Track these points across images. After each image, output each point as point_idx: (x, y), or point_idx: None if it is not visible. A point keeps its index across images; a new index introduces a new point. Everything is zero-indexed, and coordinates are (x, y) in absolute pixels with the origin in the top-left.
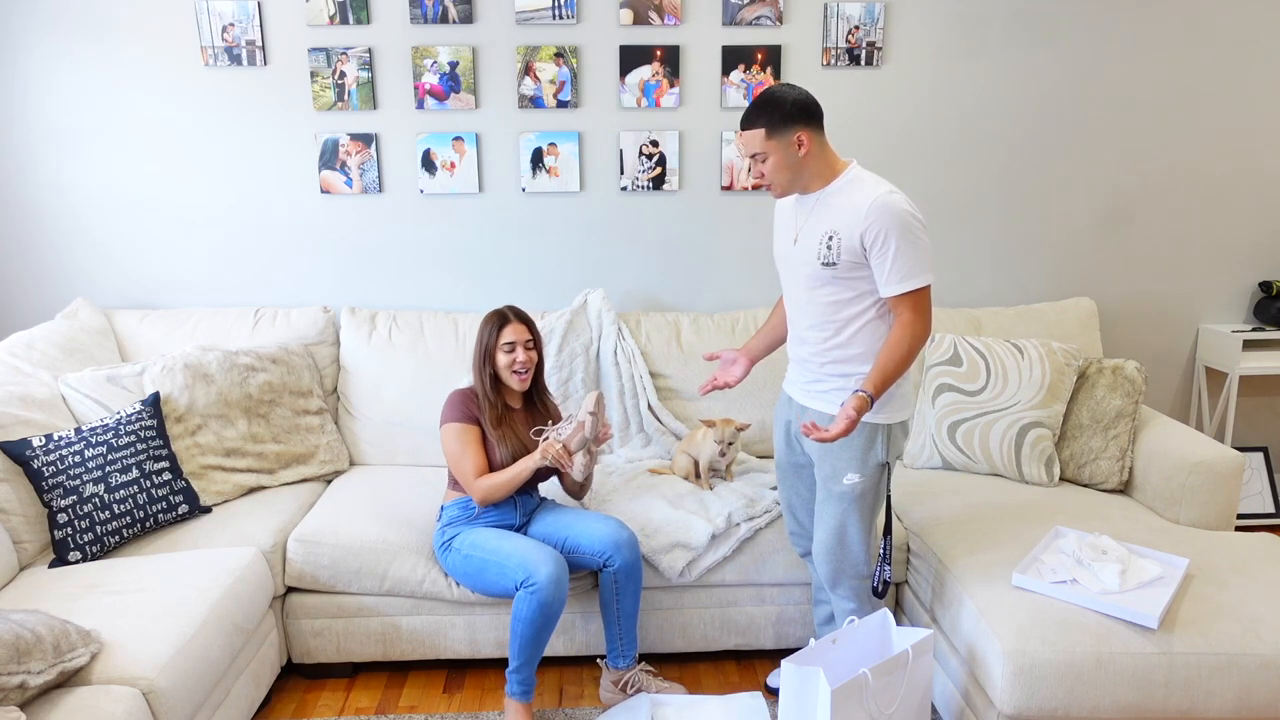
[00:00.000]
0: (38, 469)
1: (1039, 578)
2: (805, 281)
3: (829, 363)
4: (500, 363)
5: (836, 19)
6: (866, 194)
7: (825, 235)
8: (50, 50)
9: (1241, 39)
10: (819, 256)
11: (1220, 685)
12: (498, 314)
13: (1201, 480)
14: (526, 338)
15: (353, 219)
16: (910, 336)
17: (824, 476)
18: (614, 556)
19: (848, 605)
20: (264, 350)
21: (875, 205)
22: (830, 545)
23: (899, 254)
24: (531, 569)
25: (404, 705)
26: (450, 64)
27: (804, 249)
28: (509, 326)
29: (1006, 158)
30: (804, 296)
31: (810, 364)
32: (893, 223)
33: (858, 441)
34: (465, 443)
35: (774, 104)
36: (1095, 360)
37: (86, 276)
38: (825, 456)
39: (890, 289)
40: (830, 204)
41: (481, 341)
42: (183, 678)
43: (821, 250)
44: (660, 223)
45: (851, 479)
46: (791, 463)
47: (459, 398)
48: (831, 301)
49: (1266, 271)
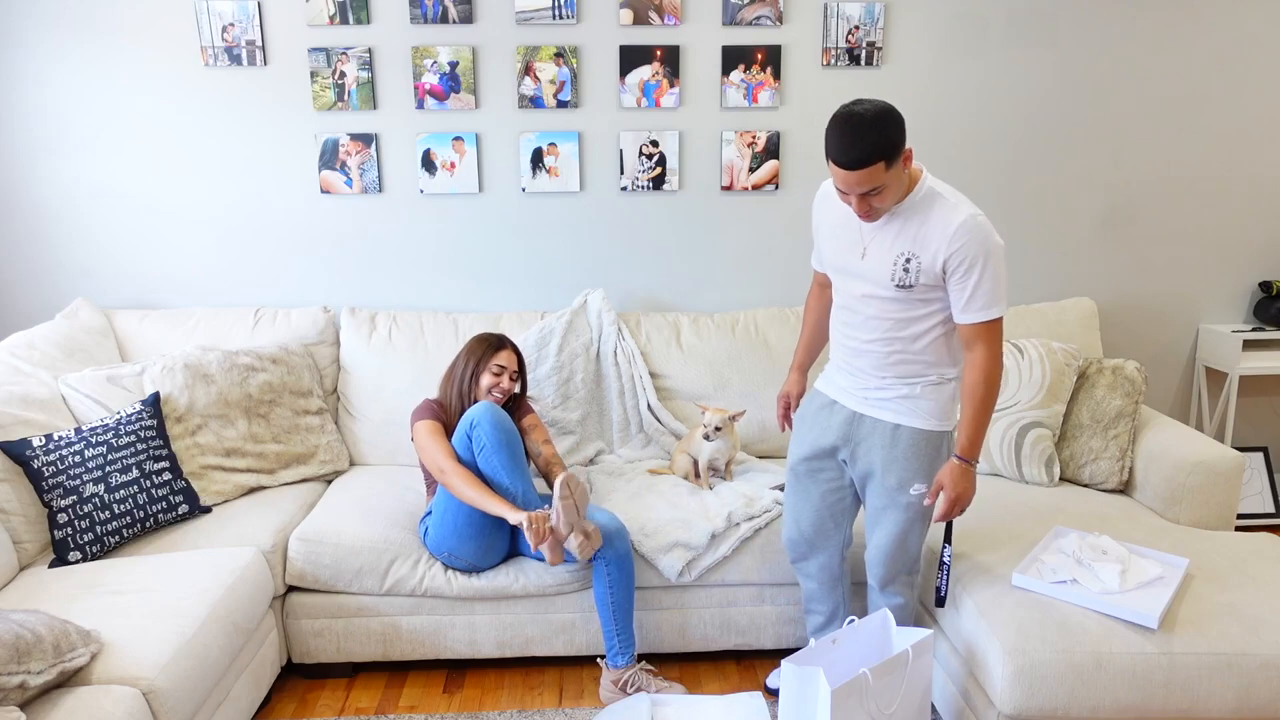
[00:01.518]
0: (38, 469)
1: (1039, 578)
2: (869, 298)
3: (891, 377)
4: (483, 382)
5: (836, 19)
6: (952, 215)
7: (901, 256)
8: (50, 50)
9: (1241, 39)
10: (893, 278)
11: (1220, 685)
12: (496, 337)
13: (1201, 480)
14: (515, 369)
15: (353, 219)
16: (986, 380)
17: (889, 487)
18: (605, 548)
19: (898, 600)
20: (264, 350)
21: (964, 229)
22: (890, 550)
23: (982, 282)
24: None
25: (404, 705)
26: (450, 64)
27: (875, 266)
28: (505, 352)
29: (1006, 158)
30: (867, 311)
31: (868, 374)
32: (981, 250)
33: (926, 450)
34: (437, 436)
35: (890, 128)
36: (1095, 360)
37: (86, 276)
38: (891, 466)
39: (968, 317)
40: (909, 221)
41: (472, 356)
42: (183, 678)
43: (897, 273)
44: (660, 223)
45: (919, 489)
46: (825, 473)
47: (428, 404)
48: (900, 319)
49: (1266, 271)
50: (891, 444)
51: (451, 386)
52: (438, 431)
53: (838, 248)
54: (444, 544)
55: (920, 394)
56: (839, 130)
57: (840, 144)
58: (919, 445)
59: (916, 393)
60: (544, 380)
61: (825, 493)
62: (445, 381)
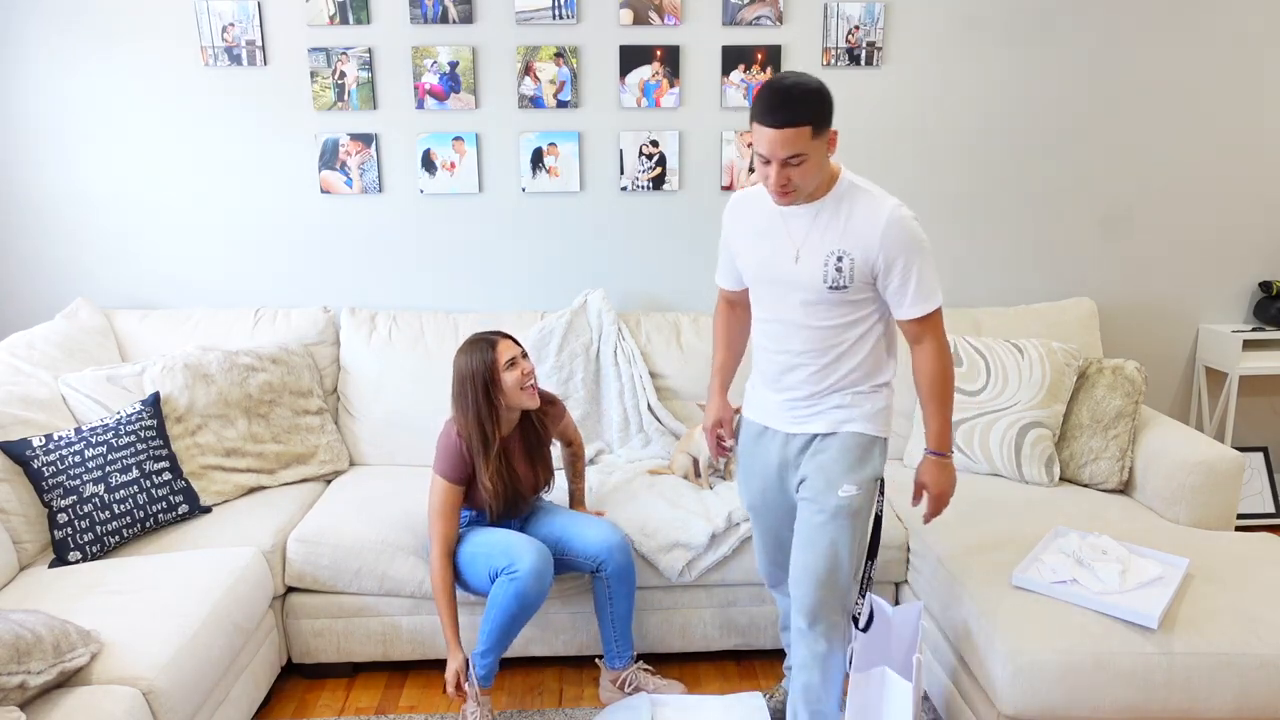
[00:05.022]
0: (38, 469)
1: (1039, 577)
2: (802, 305)
3: (826, 391)
4: (508, 382)
5: (836, 19)
6: (878, 209)
7: (832, 255)
8: (50, 50)
9: (1242, 38)
10: (825, 280)
11: (1220, 685)
12: (481, 340)
13: (1201, 480)
14: (520, 349)
15: (353, 219)
16: (941, 368)
17: (816, 490)
18: (606, 562)
19: (819, 648)
20: (264, 350)
21: (893, 223)
22: (819, 571)
23: (920, 274)
24: (515, 557)
25: (404, 705)
26: (450, 64)
27: (808, 269)
28: (501, 344)
29: (1006, 158)
30: (799, 318)
31: (800, 390)
32: (911, 243)
33: (855, 452)
34: (447, 506)
35: (821, 96)
36: (1095, 360)
37: (86, 276)
38: (820, 469)
39: (913, 311)
40: (835, 216)
41: (477, 372)
42: (183, 678)
43: (829, 273)
44: (660, 223)
45: (848, 490)
46: (782, 503)
47: (455, 450)
48: (834, 325)
49: (1266, 271)
50: (819, 450)
51: (467, 420)
52: (450, 501)
53: (764, 256)
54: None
55: (851, 402)
56: (769, 91)
57: (769, 103)
58: (848, 447)
59: (848, 401)
60: (544, 380)
61: (783, 516)
62: (458, 415)
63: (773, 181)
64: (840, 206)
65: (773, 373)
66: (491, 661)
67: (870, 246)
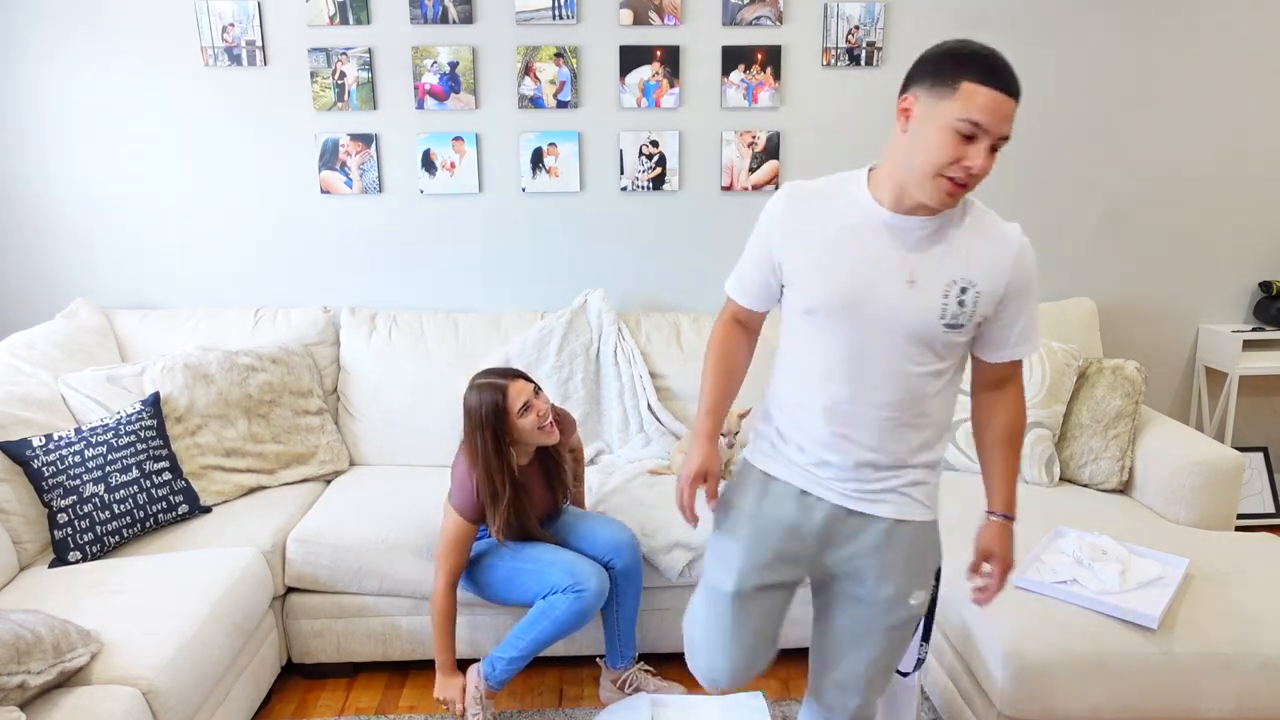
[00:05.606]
0: (38, 469)
1: (1039, 577)
2: (904, 343)
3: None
4: (525, 428)
5: (836, 19)
6: (1007, 234)
7: (954, 285)
8: (50, 50)
9: (1242, 39)
10: (942, 315)
11: (1220, 685)
12: (490, 385)
13: (1201, 480)
14: (532, 388)
15: (353, 219)
16: (1022, 415)
17: (885, 600)
18: (615, 560)
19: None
20: (264, 350)
21: (1024, 252)
22: (872, 677)
23: (1032, 313)
24: (581, 577)
25: (404, 705)
26: (450, 64)
27: (923, 298)
28: (512, 389)
29: (1006, 158)
30: (888, 363)
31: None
32: (1036, 277)
33: (923, 549)
34: (461, 541)
35: None
36: (1095, 360)
37: (87, 276)
38: (889, 574)
39: (1012, 353)
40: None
41: (488, 420)
42: (183, 678)
43: (950, 307)
44: (660, 223)
45: (919, 598)
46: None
47: (471, 490)
48: (928, 371)
49: (1266, 271)
50: (887, 545)
51: (477, 470)
52: (462, 538)
53: (848, 276)
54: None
55: (925, 478)
56: (986, 53)
57: (992, 61)
58: (917, 544)
59: (923, 478)
60: (544, 380)
61: (769, 613)
62: (469, 464)
63: (978, 166)
64: (963, 224)
65: (827, 423)
66: (518, 669)
67: (998, 278)
